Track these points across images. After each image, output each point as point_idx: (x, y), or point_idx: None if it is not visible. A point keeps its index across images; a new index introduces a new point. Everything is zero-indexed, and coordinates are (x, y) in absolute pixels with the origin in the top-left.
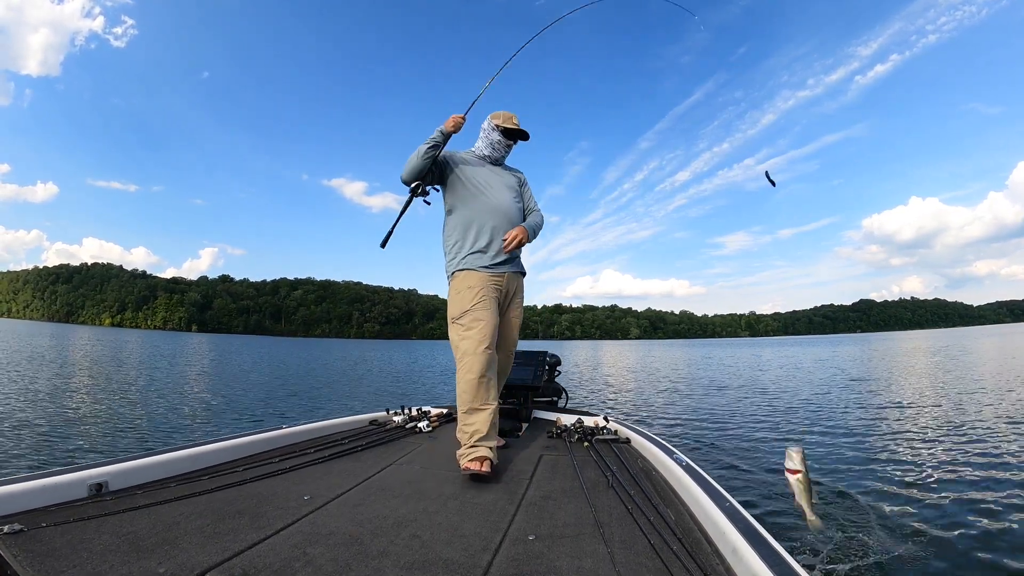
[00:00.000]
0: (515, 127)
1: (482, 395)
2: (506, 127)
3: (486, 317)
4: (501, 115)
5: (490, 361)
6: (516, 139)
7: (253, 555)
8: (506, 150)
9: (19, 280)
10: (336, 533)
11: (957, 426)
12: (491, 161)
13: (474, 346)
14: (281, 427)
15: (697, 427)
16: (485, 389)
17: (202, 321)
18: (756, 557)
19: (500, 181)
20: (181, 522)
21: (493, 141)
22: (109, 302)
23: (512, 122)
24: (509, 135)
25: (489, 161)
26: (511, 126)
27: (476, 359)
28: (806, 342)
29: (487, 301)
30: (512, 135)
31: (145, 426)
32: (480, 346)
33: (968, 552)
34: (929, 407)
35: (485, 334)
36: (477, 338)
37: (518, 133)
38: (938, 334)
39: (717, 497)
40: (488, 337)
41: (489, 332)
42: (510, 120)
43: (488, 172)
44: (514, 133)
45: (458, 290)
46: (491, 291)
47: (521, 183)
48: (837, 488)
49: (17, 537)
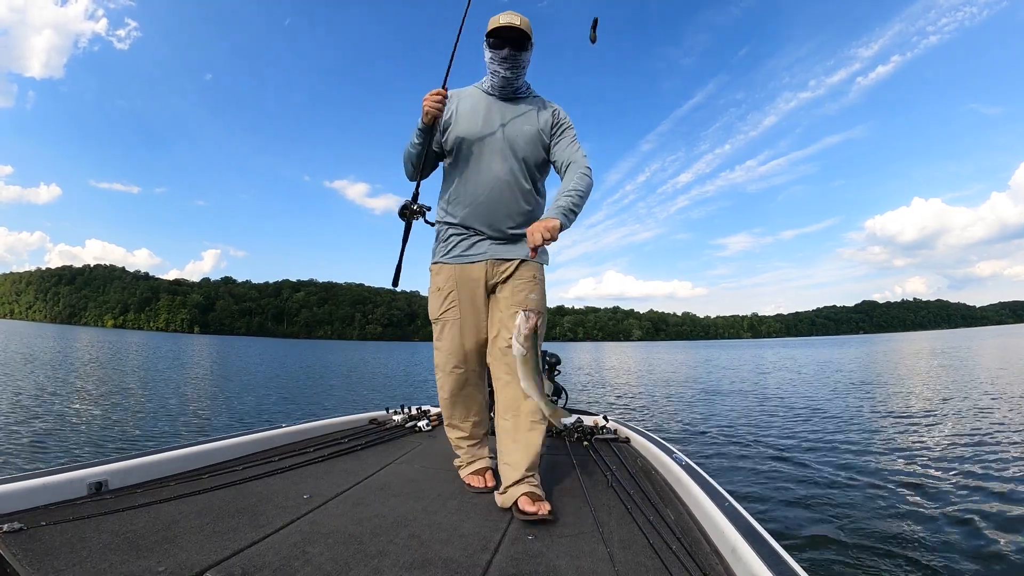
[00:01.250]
0: (502, 25)
1: (459, 413)
2: (491, 30)
3: (455, 330)
4: (490, 22)
5: (461, 382)
6: (508, 46)
7: (252, 554)
8: (508, 70)
9: (22, 281)
10: (335, 532)
11: (963, 430)
12: (500, 96)
13: (443, 362)
14: (280, 426)
15: (697, 427)
16: (463, 407)
17: (204, 323)
18: (755, 556)
19: (500, 135)
20: (181, 521)
21: (488, 61)
22: (111, 304)
23: (498, 22)
24: (498, 44)
25: (498, 96)
26: (495, 26)
27: (445, 378)
28: (809, 344)
29: (457, 307)
30: (503, 40)
31: (145, 425)
32: (448, 364)
33: (969, 554)
34: (933, 411)
35: (453, 350)
36: (445, 353)
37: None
38: (941, 335)
39: (716, 497)
40: (456, 354)
41: (457, 348)
42: (495, 21)
43: (486, 117)
44: (502, 35)
45: (430, 291)
46: (466, 290)
47: (549, 125)
48: (838, 489)
49: (17, 536)
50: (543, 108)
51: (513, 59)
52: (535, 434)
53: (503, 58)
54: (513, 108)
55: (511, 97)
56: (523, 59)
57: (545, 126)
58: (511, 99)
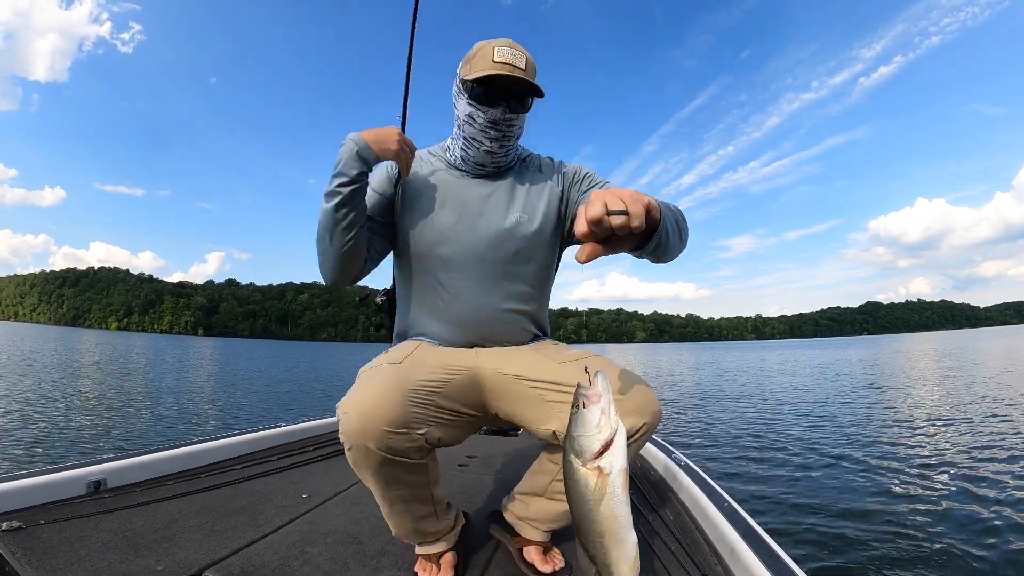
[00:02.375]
0: (499, 70)
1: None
2: (481, 77)
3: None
4: (473, 55)
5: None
6: (503, 103)
7: (251, 553)
8: (496, 141)
9: (26, 284)
10: (334, 532)
11: (969, 433)
12: (474, 174)
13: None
14: (280, 425)
15: (697, 428)
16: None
17: (208, 325)
18: (754, 557)
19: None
20: (179, 519)
21: (464, 120)
22: (115, 306)
23: (490, 60)
24: (487, 98)
25: (471, 174)
26: (489, 71)
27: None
28: (812, 345)
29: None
30: (496, 91)
31: (144, 424)
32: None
33: (970, 556)
34: (936, 413)
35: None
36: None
37: (502, 83)
38: (946, 336)
39: (716, 497)
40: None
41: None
42: (485, 59)
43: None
44: (496, 84)
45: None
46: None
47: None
48: (838, 491)
49: (15, 534)
50: (545, 178)
51: (507, 125)
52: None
53: (492, 122)
54: (505, 193)
55: (491, 174)
56: (521, 123)
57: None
58: (491, 175)
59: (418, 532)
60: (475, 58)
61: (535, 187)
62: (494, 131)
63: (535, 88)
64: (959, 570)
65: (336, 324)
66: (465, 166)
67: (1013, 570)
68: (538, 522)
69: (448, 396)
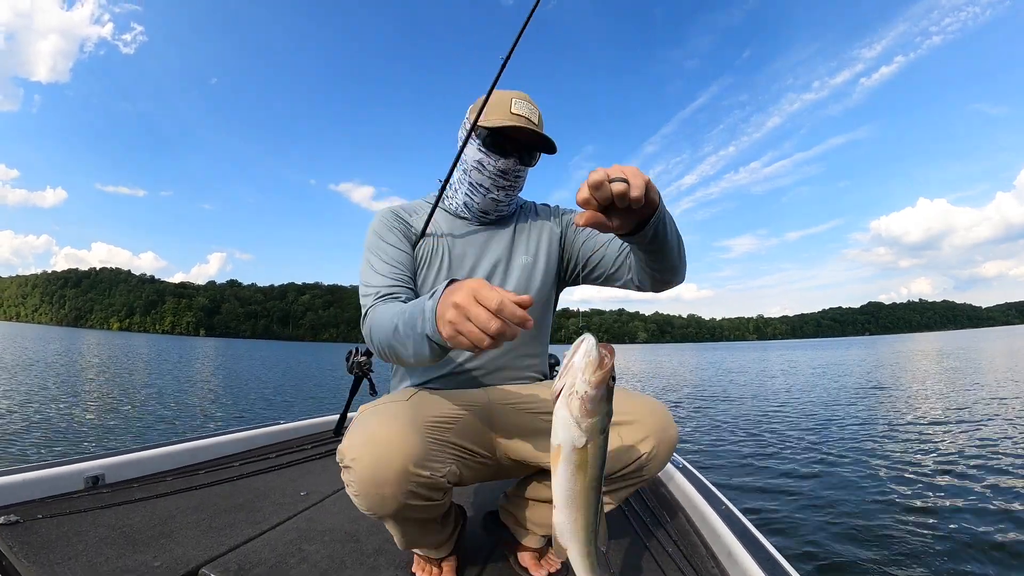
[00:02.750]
0: (517, 122)
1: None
2: (499, 127)
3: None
4: (488, 101)
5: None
6: (515, 155)
7: (248, 550)
8: (503, 190)
9: (28, 284)
10: (332, 530)
11: (974, 436)
12: (477, 221)
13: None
14: (279, 422)
15: (696, 430)
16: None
17: (210, 326)
18: (751, 561)
19: (496, 278)
20: (177, 516)
21: (472, 166)
22: (117, 307)
23: (508, 111)
24: (500, 147)
25: (474, 220)
26: (507, 121)
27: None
28: (814, 345)
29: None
30: (510, 142)
31: (143, 421)
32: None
33: (971, 560)
34: (940, 416)
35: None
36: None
37: (517, 135)
38: (948, 336)
39: (713, 500)
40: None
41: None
42: (502, 108)
43: (475, 261)
44: (510, 136)
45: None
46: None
47: (558, 237)
48: (838, 494)
49: (13, 528)
50: (544, 220)
51: (515, 176)
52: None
53: (502, 171)
54: (508, 237)
55: (493, 221)
56: (525, 175)
57: (553, 247)
58: (493, 222)
59: (424, 544)
60: (491, 106)
61: (536, 230)
62: (503, 180)
63: (549, 144)
64: (959, 573)
65: (338, 325)
66: (468, 213)
67: (1016, 574)
68: (534, 526)
69: (460, 434)
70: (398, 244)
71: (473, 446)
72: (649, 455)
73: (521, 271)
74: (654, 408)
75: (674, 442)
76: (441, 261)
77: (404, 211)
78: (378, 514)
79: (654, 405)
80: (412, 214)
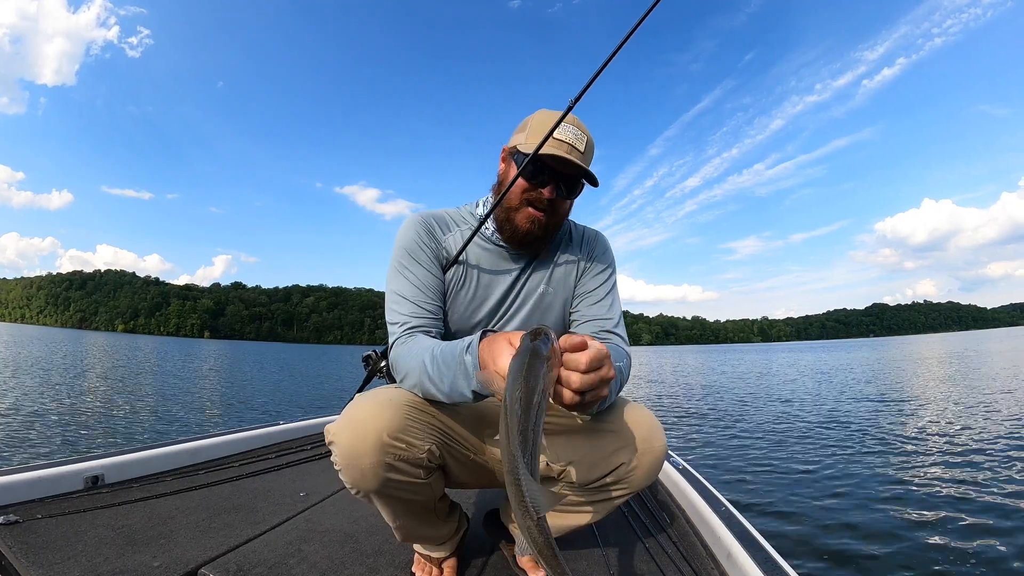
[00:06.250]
0: (557, 149)
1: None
2: (542, 151)
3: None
4: (533, 122)
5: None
6: (555, 184)
7: (248, 551)
8: (539, 223)
9: (33, 287)
10: (331, 530)
11: (977, 438)
12: (510, 251)
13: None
14: (278, 423)
15: (696, 432)
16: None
17: (215, 328)
18: (751, 561)
19: (521, 321)
20: (176, 516)
21: (510, 191)
22: (122, 309)
23: (552, 137)
24: (541, 176)
25: (508, 250)
26: (547, 148)
27: None
28: (819, 348)
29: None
30: (548, 170)
31: (143, 422)
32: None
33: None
34: (943, 418)
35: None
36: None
37: (558, 165)
38: (953, 338)
39: (713, 501)
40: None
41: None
42: (544, 132)
43: (506, 289)
44: (551, 165)
45: None
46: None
47: (575, 277)
48: (838, 495)
49: (12, 528)
50: (575, 251)
51: (553, 209)
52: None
53: (536, 200)
54: (535, 266)
55: (526, 249)
56: (567, 207)
57: (571, 279)
58: (526, 251)
59: (421, 537)
60: (535, 128)
61: (563, 261)
62: (540, 208)
63: (590, 176)
64: (959, 574)
65: (342, 327)
66: (500, 241)
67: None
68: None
69: (446, 418)
70: (429, 267)
71: (459, 434)
72: (628, 466)
73: (540, 299)
74: (638, 418)
75: (660, 454)
76: (467, 290)
77: (436, 224)
78: (361, 489)
79: (639, 414)
80: (445, 230)
